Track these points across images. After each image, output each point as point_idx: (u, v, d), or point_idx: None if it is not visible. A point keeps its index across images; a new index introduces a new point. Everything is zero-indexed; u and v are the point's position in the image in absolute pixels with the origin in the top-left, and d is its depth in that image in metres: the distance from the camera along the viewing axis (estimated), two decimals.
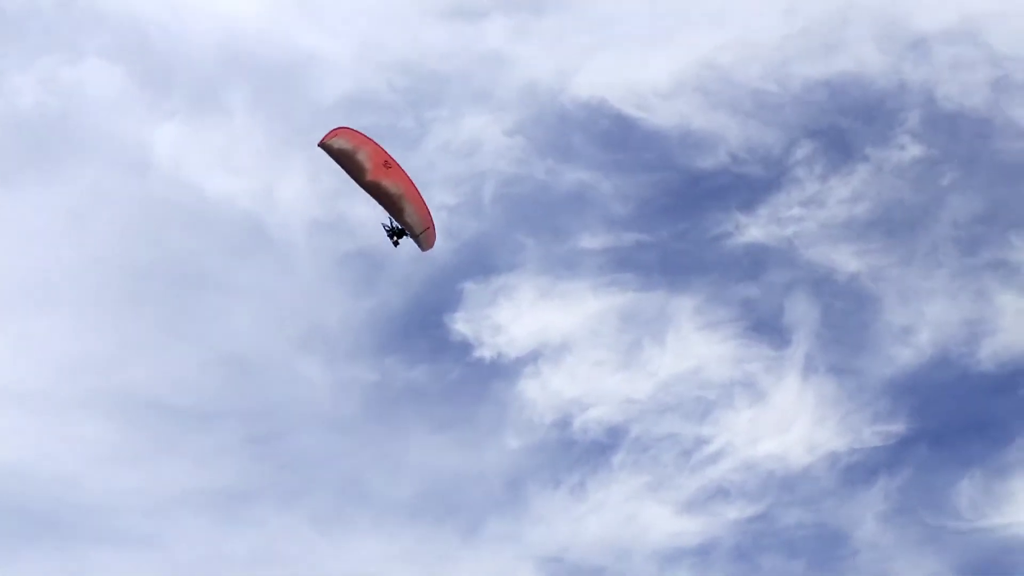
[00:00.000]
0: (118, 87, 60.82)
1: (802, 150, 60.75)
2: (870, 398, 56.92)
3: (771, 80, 60.57)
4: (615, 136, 61.86)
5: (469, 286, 60.56)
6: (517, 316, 60.30)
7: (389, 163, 33.10)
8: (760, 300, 59.98)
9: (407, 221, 34.43)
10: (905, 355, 57.47)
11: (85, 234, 58.63)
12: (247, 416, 57.45)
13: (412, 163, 61.51)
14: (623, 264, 60.64)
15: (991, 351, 56.43)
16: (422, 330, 60.62)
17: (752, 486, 55.90)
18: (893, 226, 59.69)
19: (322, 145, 32.35)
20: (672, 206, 61.75)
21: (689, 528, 55.32)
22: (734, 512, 55.26)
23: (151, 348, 57.24)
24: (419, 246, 35.52)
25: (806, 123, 61.17)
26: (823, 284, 59.46)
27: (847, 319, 59.25)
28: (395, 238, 35.69)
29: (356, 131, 32.51)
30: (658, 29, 61.51)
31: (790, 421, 57.77)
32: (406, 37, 62.31)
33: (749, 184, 61.24)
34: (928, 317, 57.92)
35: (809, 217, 60.18)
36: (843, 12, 60.40)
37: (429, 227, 34.62)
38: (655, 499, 56.48)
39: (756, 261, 60.50)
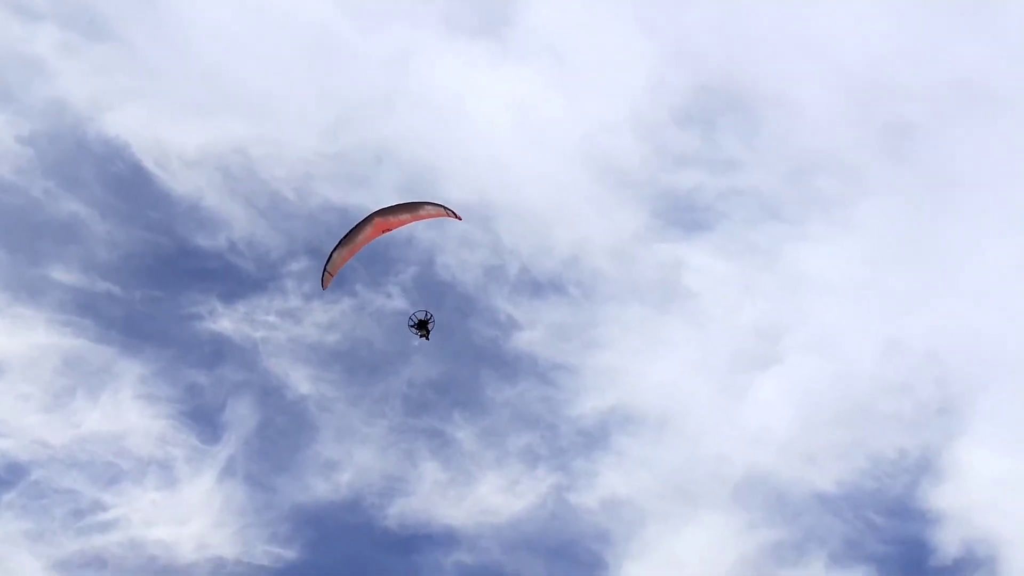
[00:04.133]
0: None
1: (298, 264, 61.68)
2: (274, 518, 57.34)
3: (292, 188, 61.52)
4: (127, 184, 60.91)
5: None
6: None
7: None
8: (206, 390, 59.73)
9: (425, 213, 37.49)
10: (322, 488, 58.49)
11: None
12: None
13: None
14: (86, 309, 59.09)
15: (399, 511, 58.30)
16: None
17: (132, 565, 55.19)
18: (355, 365, 61.08)
19: None
20: (156, 270, 61.05)
21: None
22: None
23: None
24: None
25: (310, 240, 62.06)
26: (271, 396, 59.93)
27: (281, 437, 59.88)
28: (421, 331, 39.11)
29: None
30: (202, 99, 61.41)
31: (191, 515, 57.59)
32: None
33: (238, 277, 61.46)
34: (355, 460, 59.08)
35: (282, 328, 60.80)
36: (379, 152, 62.25)
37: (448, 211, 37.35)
38: (30, 549, 54.75)
39: (217, 352, 60.34)
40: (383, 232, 37.34)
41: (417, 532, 58.16)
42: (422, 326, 39.67)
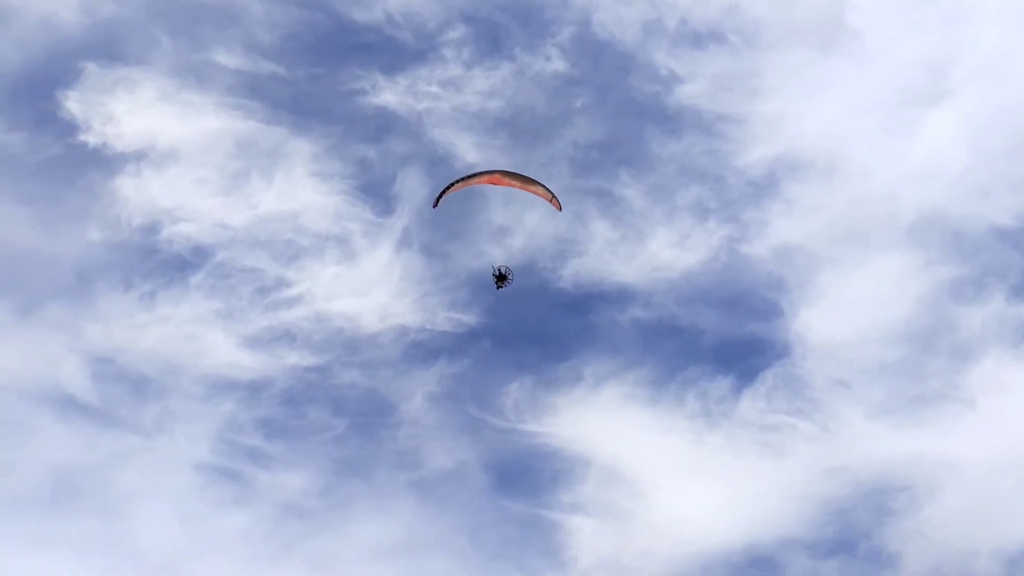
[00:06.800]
0: None
1: (455, 32, 61.35)
2: (452, 285, 58.20)
3: None
4: None
5: (91, 67, 58.65)
6: (133, 111, 58.77)
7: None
8: (376, 164, 60.34)
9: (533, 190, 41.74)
10: (496, 254, 58.81)
11: None
12: None
13: None
14: (253, 92, 59.93)
15: (573, 271, 58.90)
16: (30, 97, 58.28)
17: (319, 338, 56.68)
18: (519, 130, 60.76)
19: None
20: (317, 48, 61.26)
21: (246, 363, 55.84)
22: (295, 358, 56.01)
23: None
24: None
25: (465, 7, 61.83)
26: (439, 165, 60.28)
27: (451, 205, 60.06)
28: (500, 283, 42.13)
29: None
30: None
31: (372, 286, 58.77)
32: None
33: (397, 49, 61.36)
34: (526, 225, 58.74)
35: (445, 98, 60.84)
36: None
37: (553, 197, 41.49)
38: (222, 327, 56.62)
39: (383, 126, 60.77)
40: (493, 184, 41.75)
41: (591, 291, 58.81)
42: (502, 279, 42.35)
